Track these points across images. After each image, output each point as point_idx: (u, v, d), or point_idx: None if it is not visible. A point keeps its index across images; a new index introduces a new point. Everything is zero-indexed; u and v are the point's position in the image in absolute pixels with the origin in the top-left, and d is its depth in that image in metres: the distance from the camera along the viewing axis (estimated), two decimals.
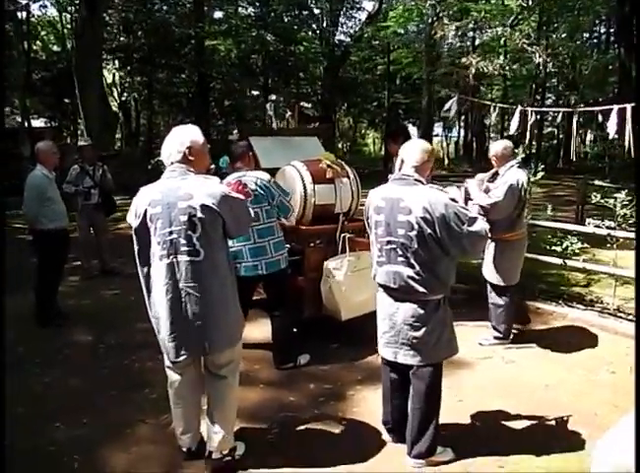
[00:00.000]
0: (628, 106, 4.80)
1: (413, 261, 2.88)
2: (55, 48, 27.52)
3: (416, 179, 2.94)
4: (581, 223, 5.90)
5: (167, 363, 2.96)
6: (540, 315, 5.51)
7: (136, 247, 2.88)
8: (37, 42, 26.33)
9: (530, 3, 10.41)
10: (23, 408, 3.71)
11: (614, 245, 5.38)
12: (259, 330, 4.91)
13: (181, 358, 2.83)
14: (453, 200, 2.89)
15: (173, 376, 2.99)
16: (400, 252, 2.91)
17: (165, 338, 2.82)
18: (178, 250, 2.73)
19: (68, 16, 25.15)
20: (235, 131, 26.02)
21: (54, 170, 5.47)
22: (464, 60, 11.94)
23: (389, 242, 2.95)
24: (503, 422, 3.55)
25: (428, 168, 3.04)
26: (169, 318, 2.78)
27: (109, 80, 23.99)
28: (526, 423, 3.53)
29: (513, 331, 4.95)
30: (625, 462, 2.29)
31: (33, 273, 5.43)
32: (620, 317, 5.26)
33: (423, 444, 3.02)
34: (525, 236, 4.83)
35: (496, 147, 4.77)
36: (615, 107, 4.87)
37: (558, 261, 5.75)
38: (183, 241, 2.71)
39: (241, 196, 2.96)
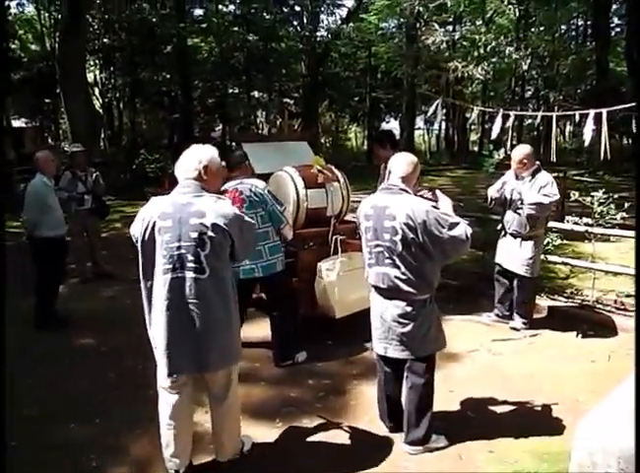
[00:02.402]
0: (604, 111, 5.05)
1: (398, 263, 3.11)
2: (34, 48, 27.27)
3: (401, 189, 3.18)
4: (562, 218, 6.15)
5: (162, 383, 2.92)
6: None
7: (140, 260, 2.88)
8: (16, 42, 26.07)
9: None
10: (33, 410, 3.88)
11: (592, 241, 5.66)
12: (259, 329, 5.10)
13: (174, 376, 2.85)
14: (435, 207, 3.15)
15: (168, 397, 2.93)
16: (387, 255, 3.14)
17: (162, 353, 2.82)
18: (185, 266, 2.74)
19: (47, 14, 24.97)
20: (218, 128, 26.07)
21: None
22: (449, 64, 12.13)
23: (377, 246, 3.19)
24: (492, 410, 3.81)
25: (414, 179, 3.28)
26: (167, 333, 2.79)
27: (91, 80, 23.83)
28: (513, 410, 3.78)
29: (501, 323, 5.31)
30: (602, 443, 2.54)
31: (33, 278, 5.54)
32: (600, 309, 5.54)
33: (419, 433, 3.26)
34: None
35: (521, 153, 5.04)
36: (592, 112, 5.11)
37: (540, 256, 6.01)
38: (191, 258, 2.73)
39: (251, 220, 3.04)
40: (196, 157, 2.88)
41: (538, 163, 5.11)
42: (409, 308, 3.18)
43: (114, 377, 4.40)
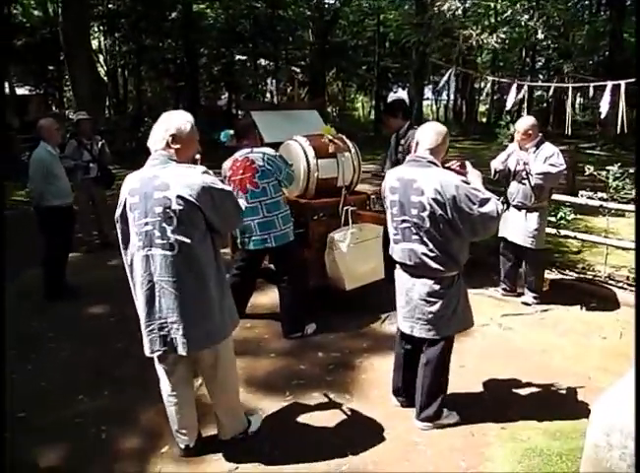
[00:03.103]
0: (622, 83, 4.91)
1: (426, 239, 2.99)
2: (37, 13, 26.86)
3: (429, 161, 3.02)
4: (573, 191, 6.05)
5: (146, 353, 2.83)
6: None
7: (119, 236, 2.78)
8: (18, 7, 25.66)
9: None
10: (44, 382, 3.88)
11: (606, 216, 5.57)
12: (267, 299, 5.07)
13: (156, 353, 2.75)
14: (466, 182, 2.99)
15: (163, 376, 2.89)
16: (414, 231, 3.02)
17: (143, 331, 2.75)
18: (153, 243, 2.61)
19: None
20: (224, 96, 25.79)
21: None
22: (464, 32, 11.83)
23: (403, 221, 3.06)
24: (503, 386, 3.77)
25: (443, 151, 3.12)
26: (145, 311, 2.71)
27: (95, 46, 23.53)
28: (524, 386, 3.75)
29: (511, 298, 5.27)
30: (618, 423, 2.51)
31: (40, 248, 5.50)
32: (611, 285, 5.47)
33: (431, 409, 3.23)
34: None
35: (526, 124, 4.96)
36: (609, 84, 4.98)
37: (552, 231, 5.93)
38: (157, 234, 2.59)
39: (227, 187, 2.78)
40: (163, 125, 2.70)
41: (540, 134, 5.03)
42: (436, 286, 3.07)
43: (124, 347, 4.37)
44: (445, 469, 2.95)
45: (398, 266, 3.25)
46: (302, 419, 3.41)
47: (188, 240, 2.60)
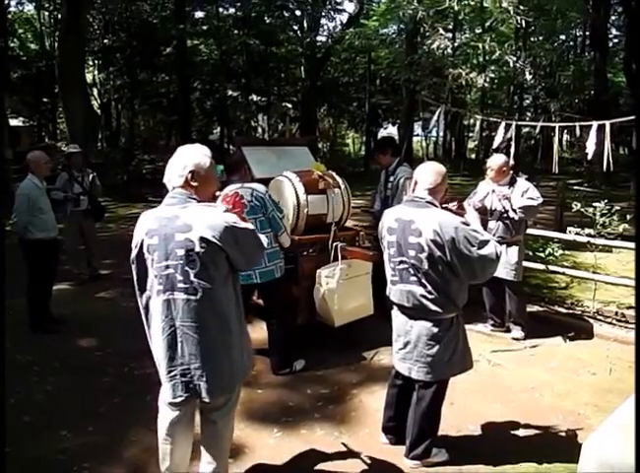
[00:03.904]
0: (607, 123, 5.02)
1: (424, 281, 2.96)
2: (33, 47, 27.23)
3: (428, 202, 3.00)
4: (561, 227, 6.12)
5: (163, 398, 2.72)
6: None
7: (135, 278, 2.63)
8: (15, 40, 26.02)
9: (510, 11, 10.63)
10: (27, 417, 3.80)
11: (594, 252, 5.62)
12: (256, 335, 5.02)
13: (178, 399, 2.61)
14: (465, 223, 2.97)
15: (167, 412, 2.72)
16: (412, 272, 2.99)
17: (163, 377, 2.62)
18: (175, 287, 2.47)
19: (46, 14, 24.94)
20: (216, 131, 26.01)
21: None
22: (453, 71, 12.09)
23: (401, 262, 3.03)
24: (493, 423, 3.74)
25: (442, 191, 3.09)
26: (166, 357, 2.57)
27: (89, 80, 23.80)
28: (514, 424, 3.72)
29: (500, 333, 5.30)
30: (610, 460, 2.48)
31: (25, 279, 5.46)
32: (600, 320, 5.50)
33: (421, 448, 3.19)
34: None
35: (500, 161, 5.10)
36: (595, 124, 5.09)
37: (541, 266, 5.97)
38: (180, 278, 2.46)
39: (250, 226, 2.66)
40: (181, 161, 2.56)
41: (512, 172, 5.22)
42: (435, 329, 3.04)
43: (110, 382, 4.32)
44: None
45: (395, 308, 3.21)
46: (290, 456, 3.35)
47: (211, 284, 2.48)
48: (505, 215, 5.05)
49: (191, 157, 2.57)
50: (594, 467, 2.52)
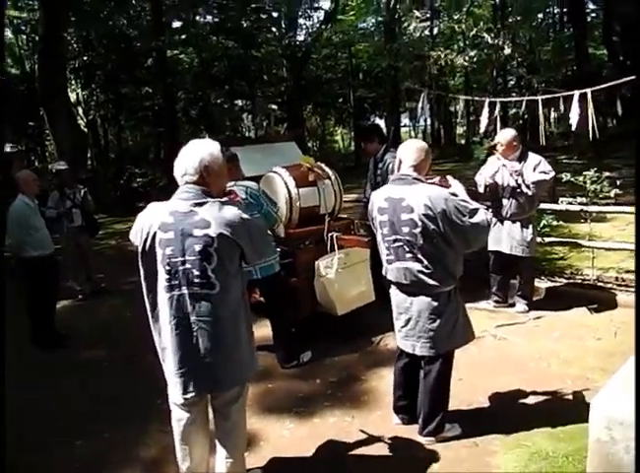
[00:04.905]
0: (588, 91, 5.04)
1: (420, 256, 2.99)
2: (14, 71, 27.18)
3: (414, 178, 3.04)
4: (554, 199, 6.14)
5: (173, 399, 2.70)
6: None
7: (142, 272, 2.61)
8: None
9: None
10: (41, 427, 3.83)
11: (588, 220, 5.64)
12: (261, 332, 5.03)
13: (189, 394, 2.59)
14: (453, 194, 3.01)
15: (180, 414, 2.72)
16: (407, 249, 3.02)
17: (173, 372, 2.60)
18: (191, 282, 2.48)
19: (24, 37, 24.90)
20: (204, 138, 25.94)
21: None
22: (432, 54, 12.09)
23: (395, 241, 3.06)
24: (502, 394, 3.77)
25: (426, 167, 3.14)
26: (178, 353, 2.55)
27: (73, 99, 23.74)
28: (524, 394, 3.75)
29: (503, 309, 5.33)
30: (618, 416, 2.51)
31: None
32: (600, 287, 5.53)
33: (434, 424, 3.22)
34: None
35: (510, 135, 5.05)
36: (576, 93, 5.10)
37: (538, 239, 5.98)
38: (197, 273, 2.47)
39: (260, 221, 2.69)
40: (195, 156, 2.54)
41: (522, 146, 5.14)
42: (435, 303, 3.07)
43: (119, 392, 4.33)
44: None
45: (393, 286, 3.23)
46: (306, 445, 3.38)
47: (227, 278, 2.53)
48: (519, 190, 4.99)
49: (205, 151, 2.57)
50: (603, 423, 2.56)
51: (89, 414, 4.00)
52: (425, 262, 2.99)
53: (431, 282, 3.02)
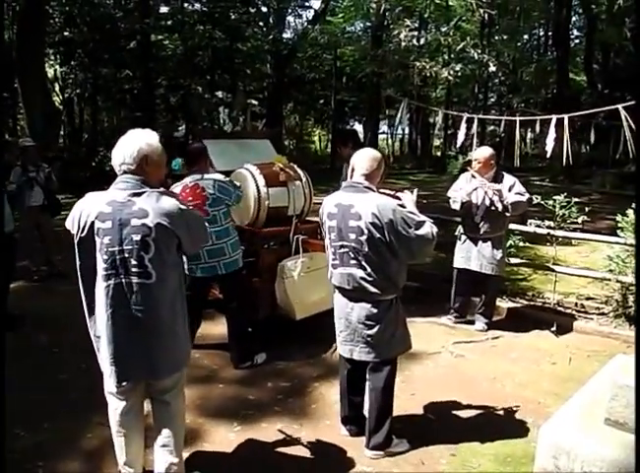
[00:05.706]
0: (565, 117, 5.08)
1: (364, 263, 3.02)
2: None
3: (365, 187, 3.08)
4: (522, 220, 6.17)
5: (109, 388, 2.70)
6: None
7: (78, 261, 2.62)
8: None
9: (473, 5, 10.72)
10: None
11: (554, 244, 5.69)
12: (217, 329, 4.96)
13: (124, 383, 2.62)
14: (401, 206, 3.06)
15: (116, 403, 2.72)
16: (352, 255, 3.05)
17: (107, 361, 2.60)
18: (128, 271, 2.49)
19: (4, 5, 24.25)
20: (181, 128, 25.67)
21: None
22: (417, 64, 12.12)
23: (342, 246, 3.08)
24: (454, 413, 3.74)
25: (378, 176, 3.18)
26: (113, 342, 2.56)
27: (51, 75, 23.23)
28: (475, 413, 3.73)
29: (462, 325, 5.33)
30: (566, 446, 2.50)
31: None
32: (560, 312, 5.57)
33: (380, 436, 3.18)
34: None
35: (487, 153, 5.08)
36: (554, 118, 5.13)
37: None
38: (134, 262, 2.47)
39: (200, 213, 2.76)
40: (134, 145, 2.53)
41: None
42: (374, 310, 3.09)
43: (66, 379, 4.20)
44: None
45: (336, 291, 3.26)
46: (251, 449, 3.31)
47: (163, 268, 2.54)
48: (493, 208, 4.99)
49: (144, 141, 2.57)
50: (550, 452, 2.55)
51: (32, 403, 3.84)
52: (369, 270, 3.02)
53: (373, 289, 3.04)
